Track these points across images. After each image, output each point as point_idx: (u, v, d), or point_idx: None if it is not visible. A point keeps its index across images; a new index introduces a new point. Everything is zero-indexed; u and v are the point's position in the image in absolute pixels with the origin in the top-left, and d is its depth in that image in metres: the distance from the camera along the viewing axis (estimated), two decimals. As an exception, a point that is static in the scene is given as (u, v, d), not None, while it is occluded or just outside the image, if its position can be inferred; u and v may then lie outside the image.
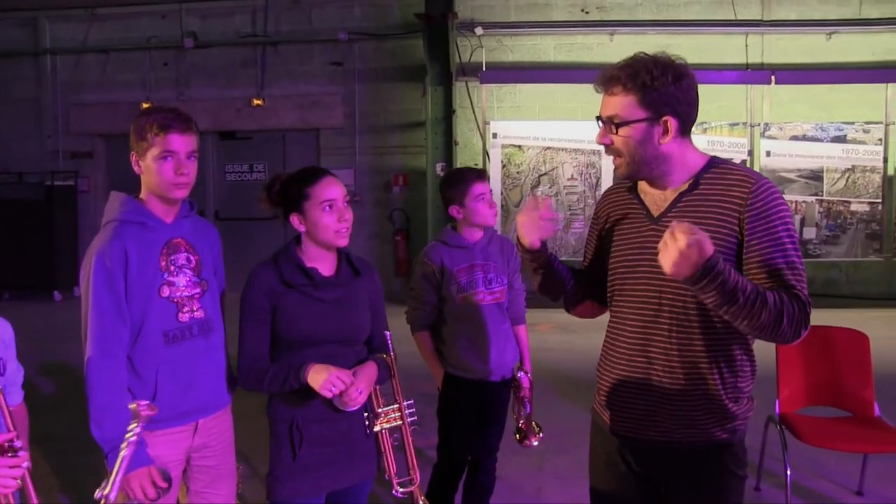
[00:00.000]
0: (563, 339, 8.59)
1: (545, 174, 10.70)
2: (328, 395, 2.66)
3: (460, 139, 11.41)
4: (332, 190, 2.80)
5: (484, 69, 11.23)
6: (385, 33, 11.91)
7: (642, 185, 2.43)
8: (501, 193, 10.65)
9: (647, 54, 2.30)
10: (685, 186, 2.32)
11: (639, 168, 2.32)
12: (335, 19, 12.04)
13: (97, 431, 2.61)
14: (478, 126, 11.27)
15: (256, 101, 12.22)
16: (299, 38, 12.21)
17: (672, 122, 2.26)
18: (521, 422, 3.94)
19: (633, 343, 2.39)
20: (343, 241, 2.83)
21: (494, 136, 10.80)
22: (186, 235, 2.84)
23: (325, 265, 2.88)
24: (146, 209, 2.76)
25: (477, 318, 3.81)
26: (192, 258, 2.83)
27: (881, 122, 10.76)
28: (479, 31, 11.35)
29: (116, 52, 12.63)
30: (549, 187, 10.70)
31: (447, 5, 10.92)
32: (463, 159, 11.21)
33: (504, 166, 10.69)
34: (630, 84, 2.24)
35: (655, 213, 2.36)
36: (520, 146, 10.72)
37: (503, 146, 10.76)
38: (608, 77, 2.30)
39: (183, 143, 2.71)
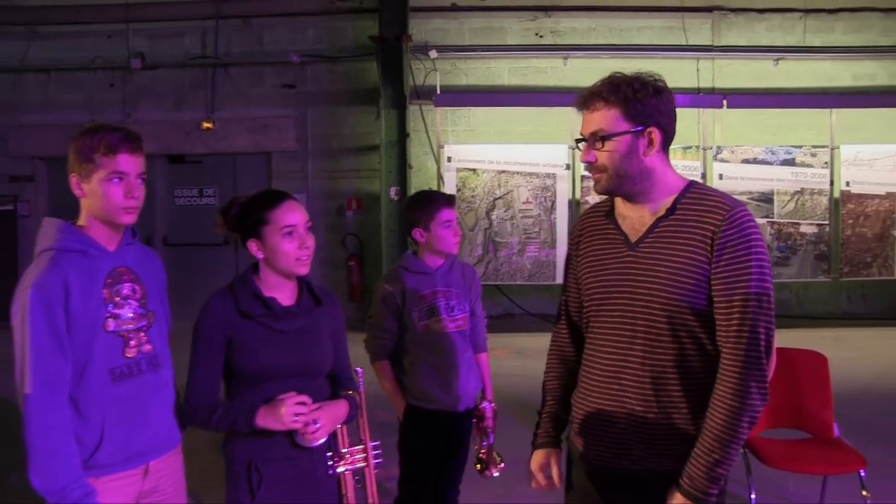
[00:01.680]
0: (519, 364, 8.53)
1: (500, 198, 10.66)
2: (297, 425, 2.55)
3: (414, 163, 11.32)
4: (293, 215, 2.69)
5: (438, 92, 11.19)
6: (338, 56, 11.78)
7: (620, 209, 2.41)
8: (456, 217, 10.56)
9: (623, 73, 2.31)
10: (663, 211, 2.30)
11: (622, 183, 2.30)
12: (287, 41, 11.87)
13: (39, 480, 2.39)
14: (432, 149, 11.22)
15: (206, 124, 11.91)
16: (250, 60, 11.99)
17: (656, 134, 2.27)
18: (483, 452, 3.85)
19: (607, 371, 2.36)
20: (304, 270, 2.71)
21: (449, 159, 10.76)
22: (130, 264, 2.66)
23: (284, 294, 2.75)
24: (87, 236, 2.57)
25: (440, 347, 3.73)
26: (137, 288, 2.65)
27: (827, 146, 10.94)
28: (433, 54, 11.32)
29: (59, 72, 12.17)
30: (505, 211, 10.67)
31: (401, 28, 10.85)
32: (417, 183, 11.12)
33: (459, 190, 10.63)
34: (613, 97, 2.25)
35: (633, 239, 2.34)
36: (474, 170, 10.69)
37: (458, 170, 10.72)
38: (588, 94, 2.31)
39: (133, 163, 2.55)
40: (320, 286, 2.89)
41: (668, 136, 2.32)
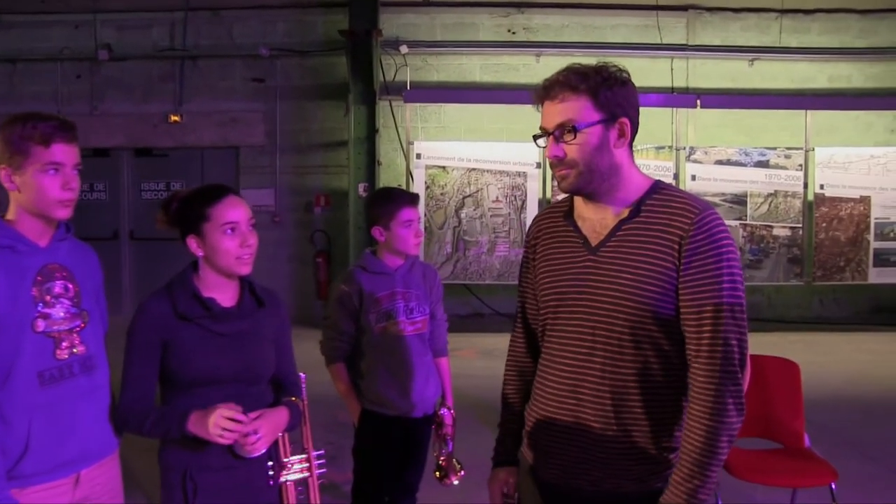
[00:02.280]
0: (486, 364, 8.39)
1: (470, 196, 10.51)
2: (224, 441, 2.39)
3: (384, 159, 11.18)
4: (234, 211, 2.53)
5: (408, 88, 11.04)
6: (308, 50, 11.61)
7: (580, 210, 2.23)
8: (425, 215, 10.46)
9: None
10: (626, 213, 2.13)
11: (591, 178, 2.12)
12: (257, 34, 11.67)
13: None
14: (402, 146, 11.08)
15: (174, 118, 11.74)
16: (219, 53, 11.78)
17: (627, 124, 2.11)
18: (442, 459, 3.73)
19: (563, 383, 2.19)
20: (245, 269, 2.55)
21: (418, 156, 10.58)
22: (64, 261, 2.52)
23: (225, 295, 2.60)
24: (15, 231, 2.43)
25: (397, 350, 3.60)
26: (70, 286, 2.51)
27: (801, 148, 10.85)
28: (404, 49, 11.18)
29: (25, 63, 11.93)
30: (474, 209, 10.52)
31: (371, 23, 10.69)
32: (386, 179, 10.98)
33: (428, 187, 10.49)
34: (582, 85, 2.08)
35: (594, 242, 2.17)
36: (444, 167, 10.53)
37: (427, 167, 10.54)
38: (552, 83, 2.13)
39: (69, 154, 2.43)
40: (264, 287, 2.74)
41: (635, 129, 2.16)
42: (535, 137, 2.20)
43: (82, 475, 2.51)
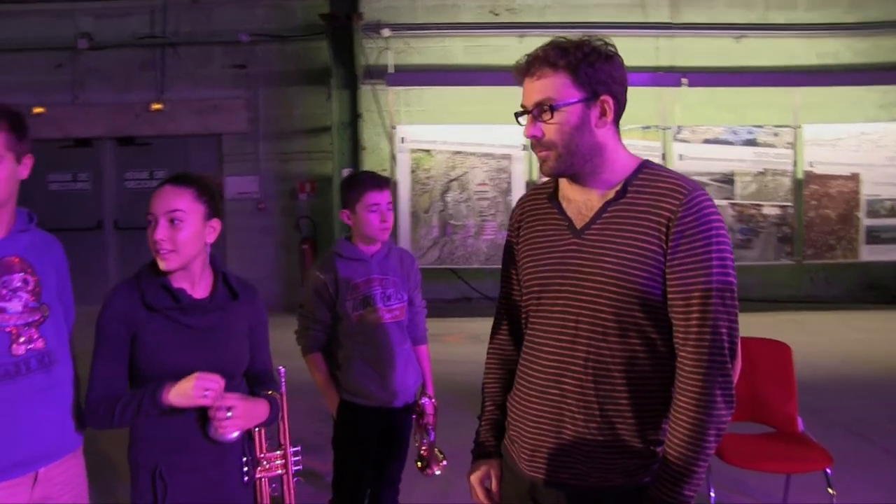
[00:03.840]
0: (473, 350, 8.26)
1: (455, 179, 10.41)
2: (206, 401, 2.31)
3: (367, 144, 11.08)
4: (154, 202, 2.43)
5: (391, 71, 10.91)
6: (288, 35, 11.48)
7: (565, 191, 2.12)
8: (410, 199, 10.34)
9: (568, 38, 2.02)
10: (612, 194, 2.02)
11: (572, 161, 2.01)
12: (236, 20, 11.53)
13: None
14: (385, 130, 10.96)
15: (156, 106, 11.64)
16: (200, 40, 11.65)
17: (610, 103, 1.98)
18: (424, 449, 3.62)
19: (546, 373, 2.08)
20: (162, 263, 2.43)
21: (402, 140, 10.49)
22: (23, 253, 2.42)
23: (198, 286, 2.50)
24: None
25: (375, 339, 3.49)
26: (29, 279, 2.40)
27: (790, 126, 10.75)
28: (385, 32, 11.05)
29: (4, 53, 11.77)
30: (460, 193, 10.42)
31: (352, 6, 10.61)
32: (370, 164, 10.87)
33: (413, 171, 10.39)
34: (561, 61, 1.95)
35: (579, 225, 2.05)
36: (428, 151, 10.42)
37: (411, 151, 10.45)
38: (532, 59, 2.01)
39: None
40: (239, 278, 2.63)
41: (620, 107, 2.03)
42: (517, 115, 2.08)
43: (40, 474, 2.41)
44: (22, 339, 2.36)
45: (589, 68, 1.96)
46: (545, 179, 2.23)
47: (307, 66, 11.52)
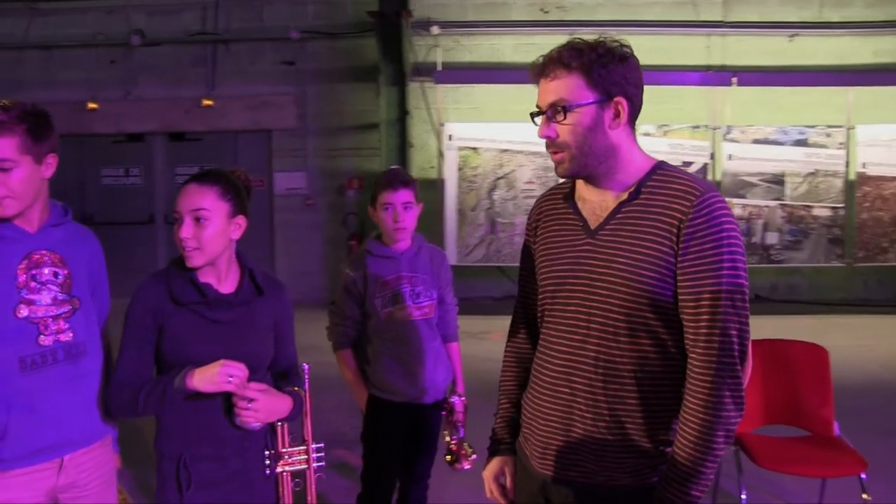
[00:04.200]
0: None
1: (502, 177, 10.38)
2: (228, 386, 2.34)
3: (416, 141, 11.10)
4: (179, 200, 2.46)
5: (440, 69, 10.92)
6: (338, 32, 11.53)
7: (581, 192, 2.12)
8: (457, 197, 10.35)
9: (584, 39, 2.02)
10: (626, 195, 2.02)
11: (585, 162, 2.02)
12: (287, 17, 11.62)
13: None
14: (433, 127, 10.97)
15: (206, 102, 11.77)
16: (250, 37, 11.78)
17: (624, 105, 1.98)
18: (454, 444, 3.64)
19: (557, 372, 2.09)
20: (188, 261, 2.46)
21: (450, 137, 10.47)
22: (55, 247, 2.48)
23: (223, 281, 2.53)
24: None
25: (403, 336, 3.51)
26: (60, 272, 2.47)
27: (843, 126, 10.55)
28: (435, 30, 11.06)
29: (60, 49, 12.04)
30: (507, 191, 10.39)
31: (401, 4, 10.62)
32: (418, 161, 10.91)
33: (460, 169, 10.38)
34: (574, 63, 1.96)
35: (593, 226, 2.06)
36: (476, 149, 10.40)
37: (459, 148, 10.43)
38: (546, 60, 2.02)
39: None
40: (266, 274, 2.67)
41: (635, 108, 2.03)
42: (533, 116, 2.09)
43: (66, 460, 2.47)
44: (49, 331, 2.42)
45: (602, 69, 1.96)
46: (562, 180, 2.23)
47: (356, 63, 11.55)
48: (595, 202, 2.08)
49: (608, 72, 1.97)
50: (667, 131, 10.43)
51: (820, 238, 10.50)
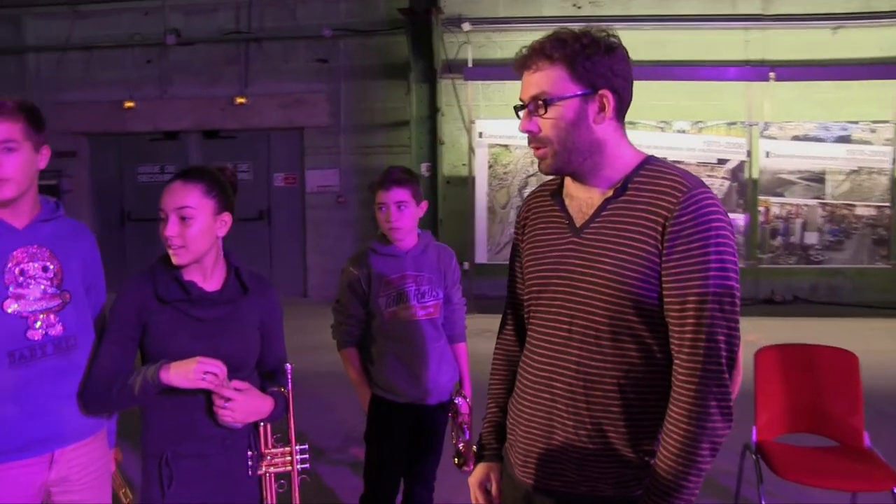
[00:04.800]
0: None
1: (533, 175, 10.24)
2: (203, 383, 2.32)
3: (447, 138, 11.04)
4: (164, 199, 2.43)
5: (471, 66, 10.82)
6: (370, 29, 11.53)
7: (569, 188, 2.02)
8: (487, 194, 10.23)
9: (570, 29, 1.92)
10: (611, 192, 1.91)
11: (569, 158, 1.91)
12: (320, 15, 11.68)
13: None
14: (464, 124, 10.87)
15: (240, 100, 11.89)
16: (283, 35, 11.86)
17: (609, 98, 1.88)
18: (462, 446, 3.54)
19: (539, 376, 1.99)
20: (174, 259, 2.43)
21: (480, 135, 10.36)
22: (46, 242, 2.49)
23: (208, 279, 2.50)
24: None
25: (407, 336, 3.45)
26: (51, 266, 2.47)
27: (889, 122, 10.20)
28: (466, 26, 10.96)
29: (99, 50, 12.29)
30: (538, 189, 10.24)
31: (432, 0, 10.57)
32: (449, 159, 10.85)
33: (491, 166, 10.27)
34: (557, 54, 1.86)
35: (578, 223, 1.95)
36: (507, 146, 10.28)
37: (490, 145, 10.31)
38: (529, 52, 1.92)
39: None
40: (252, 272, 2.63)
41: (622, 102, 1.92)
42: (517, 109, 2.00)
43: (56, 455, 2.47)
44: (39, 325, 2.42)
45: (587, 61, 1.86)
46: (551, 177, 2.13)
47: (388, 61, 11.56)
48: (582, 199, 1.98)
49: (593, 63, 1.86)
50: (702, 128, 10.19)
51: (863, 238, 10.18)
